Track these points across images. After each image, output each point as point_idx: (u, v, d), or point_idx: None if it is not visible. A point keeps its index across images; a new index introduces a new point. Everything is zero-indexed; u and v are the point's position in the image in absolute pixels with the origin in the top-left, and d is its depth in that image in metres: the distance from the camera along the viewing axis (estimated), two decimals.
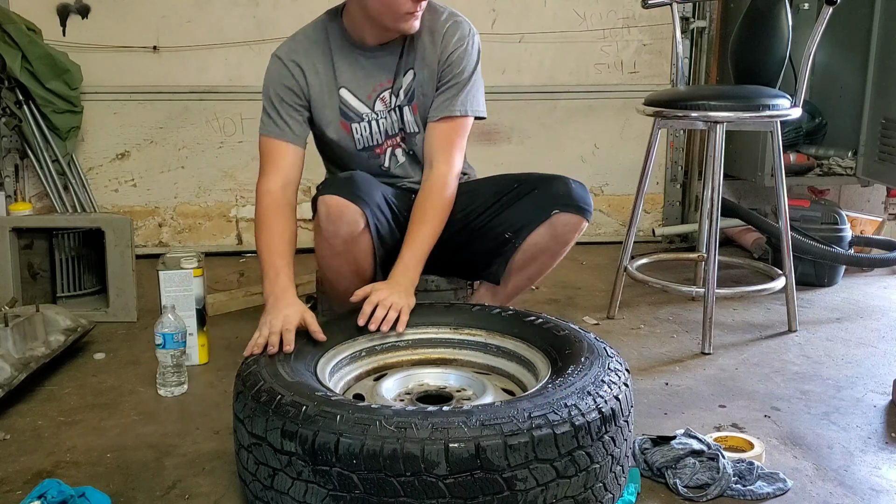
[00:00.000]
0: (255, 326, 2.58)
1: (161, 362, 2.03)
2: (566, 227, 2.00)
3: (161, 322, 2.04)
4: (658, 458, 1.62)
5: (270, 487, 1.34)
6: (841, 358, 2.31)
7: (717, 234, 2.36)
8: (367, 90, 2.03)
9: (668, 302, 2.81)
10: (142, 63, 3.36)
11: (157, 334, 2.03)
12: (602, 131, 3.63)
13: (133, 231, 2.62)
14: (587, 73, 3.59)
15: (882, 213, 3.51)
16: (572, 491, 1.31)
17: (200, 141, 3.45)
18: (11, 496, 1.57)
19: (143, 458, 1.71)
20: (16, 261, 2.55)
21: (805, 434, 1.83)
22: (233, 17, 3.37)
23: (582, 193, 2.01)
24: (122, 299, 2.57)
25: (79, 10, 3.31)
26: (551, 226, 1.99)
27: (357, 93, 2.03)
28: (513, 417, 1.29)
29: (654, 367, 2.23)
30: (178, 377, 2.03)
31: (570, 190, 2.00)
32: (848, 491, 1.59)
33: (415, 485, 1.23)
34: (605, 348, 1.60)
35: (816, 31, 2.36)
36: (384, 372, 1.76)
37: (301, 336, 1.67)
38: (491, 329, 1.79)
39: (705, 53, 3.59)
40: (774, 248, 3.03)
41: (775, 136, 2.45)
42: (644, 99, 2.53)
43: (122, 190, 3.45)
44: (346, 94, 2.02)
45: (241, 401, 1.42)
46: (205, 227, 3.51)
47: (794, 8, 2.88)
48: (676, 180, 3.72)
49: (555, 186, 2.00)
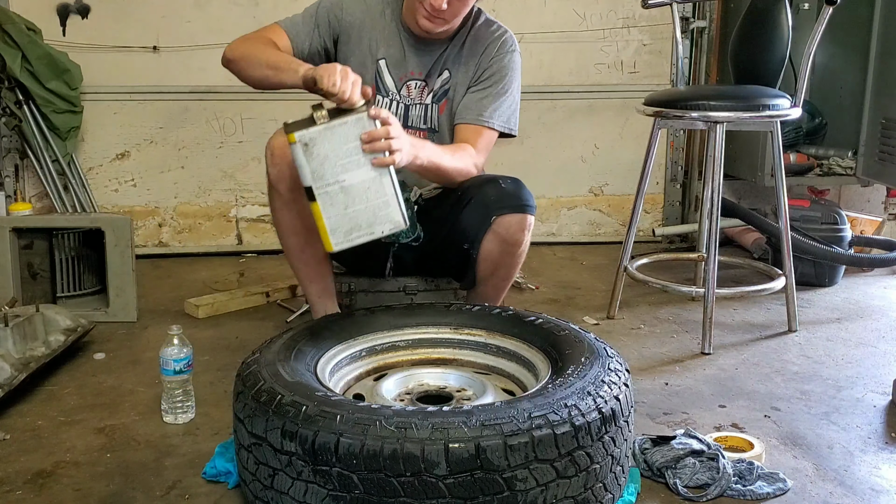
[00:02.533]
0: (255, 326, 2.60)
1: (168, 390, 1.88)
2: (510, 228, 1.97)
3: (168, 348, 1.87)
4: (658, 458, 1.62)
5: (270, 487, 1.34)
6: (841, 358, 2.31)
7: (717, 234, 2.36)
8: (399, 73, 2.09)
9: (668, 302, 2.81)
10: (142, 63, 3.36)
11: (167, 360, 1.86)
12: (602, 131, 3.63)
13: (133, 231, 2.61)
14: (587, 73, 3.59)
15: (882, 213, 3.51)
16: (572, 491, 1.31)
17: (200, 141, 3.45)
18: (11, 496, 1.57)
19: (143, 458, 1.71)
20: (16, 261, 2.55)
21: (805, 434, 1.83)
22: (233, 17, 3.37)
23: (516, 190, 1.99)
24: (122, 299, 2.56)
25: (79, 10, 3.31)
26: (495, 232, 1.97)
27: (392, 71, 2.09)
28: (513, 417, 1.29)
29: (654, 367, 2.23)
30: (185, 403, 1.90)
31: (502, 192, 1.97)
32: (848, 491, 1.59)
33: (415, 485, 1.23)
34: (605, 348, 1.60)
35: (816, 31, 2.36)
36: (384, 372, 1.76)
37: (301, 335, 1.67)
38: (491, 329, 1.79)
39: (705, 53, 3.59)
40: (774, 248, 3.03)
41: (775, 136, 2.45)
42: (644, 99, 2.53)
43: (122, 190, 3.45)
44: (384, 66, 2.09)
45: (241, 401, 1.42)
46: (205, 227, 3.51)
47: (794, 8, 2.88)
48: (676, 180, 3.72)
49: (486, 192, 1.98)
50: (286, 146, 1.72)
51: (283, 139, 1.76)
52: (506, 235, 1.98)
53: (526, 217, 1.99)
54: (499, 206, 1.96)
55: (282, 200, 1.95)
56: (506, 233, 1.98)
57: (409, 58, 2.08)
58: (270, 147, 1.91)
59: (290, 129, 1.62)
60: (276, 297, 2.82)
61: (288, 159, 1.78)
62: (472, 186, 2.01)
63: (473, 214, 1.98)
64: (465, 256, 2.04)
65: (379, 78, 2.09)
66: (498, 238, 1.99)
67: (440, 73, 2.09)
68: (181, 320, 2.49)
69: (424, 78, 2.09)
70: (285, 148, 1.77)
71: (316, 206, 1.63)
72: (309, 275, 2.09)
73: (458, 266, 2.09)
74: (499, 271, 2.07)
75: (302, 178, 1.63)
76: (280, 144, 1.86)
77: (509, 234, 1.98)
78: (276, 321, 2.61)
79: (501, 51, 2.07)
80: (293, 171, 1.75)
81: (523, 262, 2.13)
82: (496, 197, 1.97)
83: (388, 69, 2.09)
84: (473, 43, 2.08)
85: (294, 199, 1.91)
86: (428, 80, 2.09)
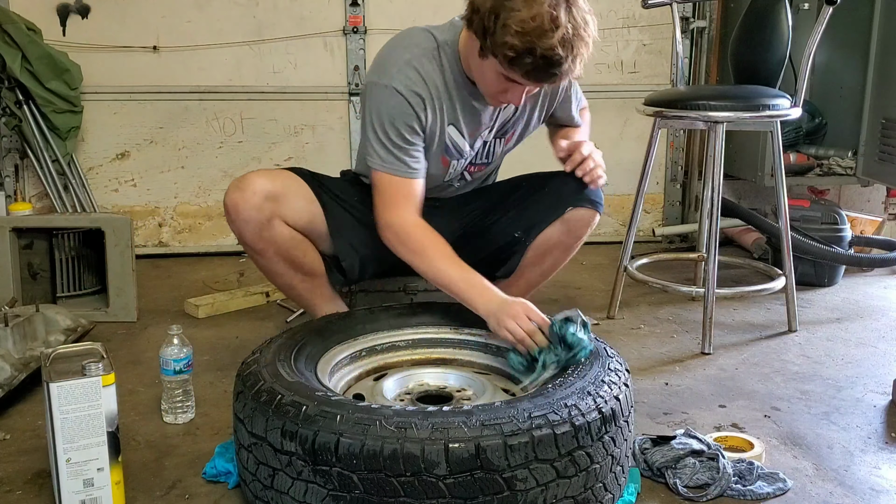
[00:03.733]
0: (255, 326, 2.60)
1: (168, 390, 1.88)
2: (580, 221, 2.02)
3: (168, 348, 1.86)
4: (658, 458, 1.61)
5: (270, 487, 1.34)
6: (841, 358, 2.31)
7: (717, 234, 2.36)
8: (472, 130, 1.94)
9: (668, 302, 2.81)
10: (142, 63, 3.36)
11: (167, 360, 1.85)
12: (602, 131, 3.62)
13: (133, 231, 2.61)
14: (587, 73, 3.57)
15: (882, 213, 3.51)
16: (572, 491, 1.31)
17: (200, 141, 3.45)
18: (11, 496, 1.57)
19: (142, 458, 1.71)
20: (16, 261, 2.55)
21: (805, 434, 1.83)
22: (233, 17, 3.37)
23: (594, 188, 2.02)
24: (122, 299, 2.56)
25: (79, 10, 3.31)
26: (565, 222, 2.01)
27: (463, 132, 1.93)
28: (513, 417, 1.29)
29: (654, 367, 2.23)
30: (185, 403, 1.91)
31: (582, 185, 2.00)
32: (848, 491, 1.59)
33: (415, 485, 1.23)
34: (605, 348, 1.60)
35: (816, 31, 2.36)
36: (384, 372, 1.76)
37: (302, 335, 1.67)
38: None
39: (705, 53, 3.59)
40: (774, 248, 3.03)
41: (775, 136, 2.45)
42: (644, 99, 2.53)
43: (122, 190, 3.45)
44: (454, 131, 1.91)
45: (241, 401, 1.42)
46: (205, 227, 3.51)
47: (794, 8, 2.88)
48: (676, 180, 3.72)
49: (566, 183, 2.01)
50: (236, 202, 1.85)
51: (234, 195, 1.87)
52: (573, 227, 2.02)
53: (596, 215, 2.04)
54: (577, 198, 2.00)
55: (252, 251, 1.99)
56: (574, 225, 2.01)
57: (479, 114, 1.92)
58: (224, 205, 1.91)
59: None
60: (276, 297, 2.82)
61: (241, 215, 1.87)
62: (550, 177, 2.04)
63: (545, 202, 2.00)
64: (509, 243, 2.04)
65: (450, 144, 1.93)
66: (565, 229, 2.01)
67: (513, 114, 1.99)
68: (181, 320, 2.49)
69: (495, 123, 1.98)
70: (239, 204, 1.87)
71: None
72: (311, 299, 2.09)
73: (498, 254, 2.07)
74: (543, 263, 2.06)
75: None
76: (231, 201, 1.89)
77: (577, 227, 2.02)
78: (276, 321, 2.61)
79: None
80: (248, 224, 1.88)
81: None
82: (576, 188, 2.00)
83: (460, 132, 1.92)
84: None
85: (264, 248, 1.95)
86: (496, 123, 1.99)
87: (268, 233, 1.92)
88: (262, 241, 1.93)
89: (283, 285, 2.08)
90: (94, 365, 1.43)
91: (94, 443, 1.43)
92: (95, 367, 1.42)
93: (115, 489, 1.45)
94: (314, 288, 2.06)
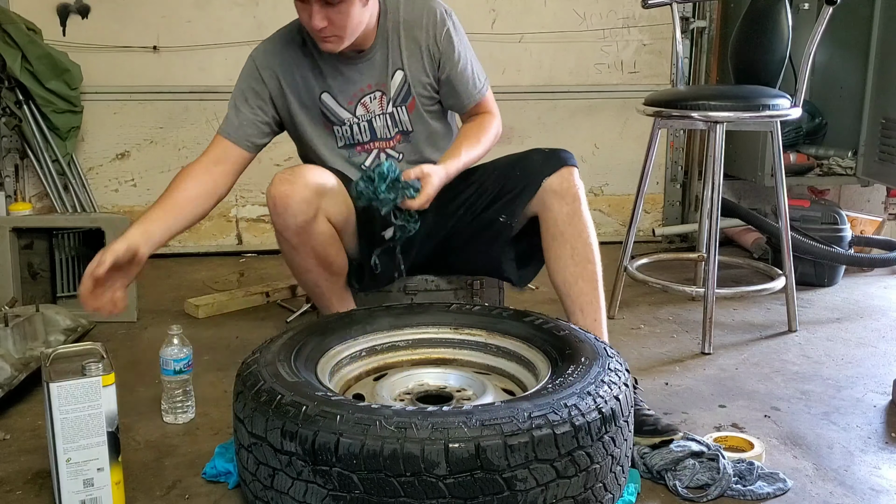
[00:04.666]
0: (255, 326, 2.60)
1: (168, 390, 1.88)
2: (564, 182, 1.92)
3: (168, 348, 1.87)
4: (657, 462, 1.61)
5: (270, 487, 1.34)
6: (841, 358, 2.31)
7: (717, 234, 2.36)
8: (348, 96, 2.00)
9: (668, 302, 2.81)
10: (142, 63, 3.36)
11: (167, 360, 1.86)
12: (602, 131, 3.63)
13: None
14: (587, 72, 3.60)
15: (882, 213, 3.51)
16: (572, 491, 1.31)
17: (200, 141, 3.44)
18: (11, 496, 1.57)
19: (142, 458, 1.71)
20: (16, 261, 2.55)
21: (805, 434, 1.83)
22: (233, 17, 3.37)
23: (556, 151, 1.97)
24: None
25: (79, 10, 3.31)
26: (547, 191, 1.92)
27: (338, 98, 2.00)
28: (513, 417, 1.29)
29: (654, 367, 2.23)
30: (185, 403, 1.91)
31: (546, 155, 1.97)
32: (848, 491, 1.59)
33: (415, 485, 1.23)
34: (605, 348, 1.60)
35: (816, 31, 2.36)
36: (384, 372, 1.76)
37: (302, 335, 1.67)
38: (491, 329, 1.79)
39: (705, 53, 3.59)
40: (774, 248, 3.02)
41: (775, 136, 2.45)
42: (644, 99, 2.53)
43: (122, 190, 3.45)
44: (328, 98, 2.00)
45: (241, 401, 1.42)
46: (205, 227, 3.51)
47: (794, 8, 2.88)
48: (676, 180, 3.72)
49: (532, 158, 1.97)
50: (288, 194, 1.82)
51: (285, 187, 1.83)
52: (562, 189, 1.91)
53: (572, 168, 1.94)
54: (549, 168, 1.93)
55: (289, 245, 1.93)
56: (560, 187, 1.91)
57: (351, 77, 1.98)
58: (272, 197, 1.86)
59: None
60: (276, 297, 2.82)
61: (291, 209, 1.84)
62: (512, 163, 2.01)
63: (521, 182, 1.95)
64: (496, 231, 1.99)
65: (327, 112, 2.01)
66: (552, 195, 1.92)
67: (392, 76, 1.99)
68: (181, 320, 2.49)
69: (377, 87, 2.00)
70: (287, 197, 1.83)
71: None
72: (330, 298, 2.07)
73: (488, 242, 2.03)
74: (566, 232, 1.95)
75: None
76: (282, 193, 1.85)
77: (565, 187, 1.91)
78: (276, 321, 2.61)
79: (443, 22, 1.97)
80: (298, 217, 1.84)
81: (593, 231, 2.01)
82: (542, 159, 1.96)
83: (334, 98, 2.00)
84: (408, 30, 1.98)
85: (302, 243, 1.91)
86: (383, 89, 2.00)
87: (312, 228, 1.89)
88: (304, 235, 1.88)
89: (307, 282, 2.04)
90: (94, 365, 1.43)
91: (94, 443, 1.43)
92: (95, 367, 1.43)
93: (115, 489, 1.46)
94: (335, 287, 2.04)
